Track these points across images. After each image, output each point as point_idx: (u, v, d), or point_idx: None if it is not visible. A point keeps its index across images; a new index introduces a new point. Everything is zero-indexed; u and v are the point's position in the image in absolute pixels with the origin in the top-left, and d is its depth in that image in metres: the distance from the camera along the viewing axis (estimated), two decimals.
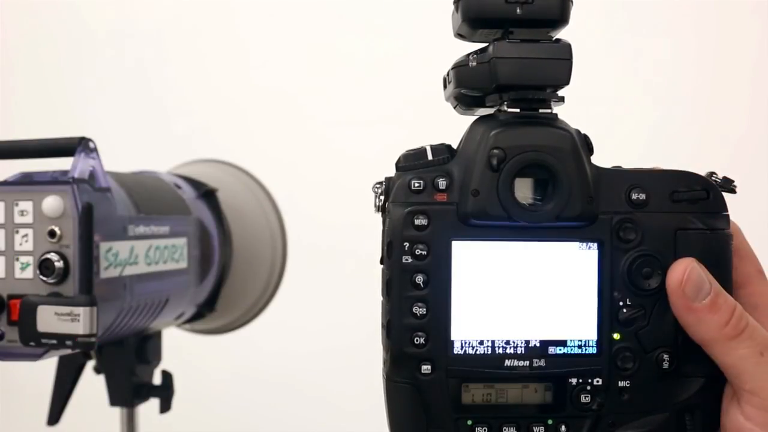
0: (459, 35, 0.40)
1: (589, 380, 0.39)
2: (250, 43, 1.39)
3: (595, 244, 0.39)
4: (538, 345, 0.39)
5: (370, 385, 0.53)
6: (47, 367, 0.69)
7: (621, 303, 0.39)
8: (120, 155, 0.76)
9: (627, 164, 0.43)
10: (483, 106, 0.41)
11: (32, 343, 0.54)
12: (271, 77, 1.37)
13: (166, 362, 0.77)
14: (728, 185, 0.40)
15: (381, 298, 0.39)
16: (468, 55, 0.39)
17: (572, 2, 0.39)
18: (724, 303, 0.38)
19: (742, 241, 0.42)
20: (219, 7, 1.39)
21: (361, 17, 1.34)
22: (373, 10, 1.33)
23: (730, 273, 0.40)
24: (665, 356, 0.39)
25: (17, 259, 0.56)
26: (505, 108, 0.39)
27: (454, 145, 0.40)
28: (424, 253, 0.38)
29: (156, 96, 1.40)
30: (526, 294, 0.39)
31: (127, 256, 0.62)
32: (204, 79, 1.40)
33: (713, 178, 0.40)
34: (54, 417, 0.71)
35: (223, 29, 1.40)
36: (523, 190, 0.39)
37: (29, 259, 0.56)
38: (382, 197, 0.40)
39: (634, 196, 0.39)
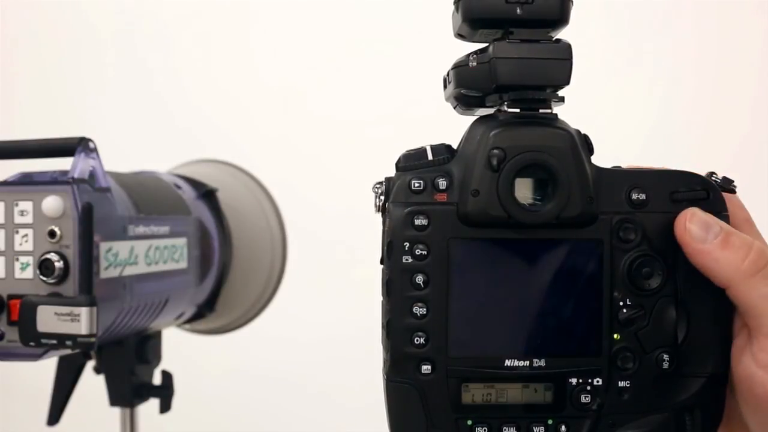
0: (459, 35, 0.40)
1: (589, 380, 0.39)
2: (250, 44, 1.39)
3: (595, 244, 0.39)
4: (538, 345, 0.39)
5: (370, 386, 0.53)
6: (47, 367, 0.69)
7: (621, 303, 0.39)
8: (120, 155, 0.76)
9: (627, 164, 0.43)
10: (483, 106, 0.41)
11: (32, 343, 0.54)
12: (272, 78, 1.37)
13: (166, 362, 0.77)
14: (728, 185, 0.40)
15: (381, 298, 0.39)
16: (468, 55, 0.39)
17: (572, 2, 0.39)
18: (738, 240, 0.37)
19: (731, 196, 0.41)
20: (218, 10, 1.39)
21: (361, 17, 1.34)
22: (372, 10, 1.33)
23: None
24: (665, 356, 0.39)
25: (17, 259, 0.56)
26: (505, 108, 0.39)
27: (454, 146, 0.40)
28: (424, 253, 0.38)
29: (156, 96, 1.40)
30: (527, 294, 0.39)
31: (127, 256, 0.62)
32: (204, 79, 1.40)
33: (713, 178, 0.40)
34: (54, 417, 0.71)
35: (223, 30, 1.40)
36: (523, 190, 0.39)
37: (29, 259, 0.56)
38: (382, 197, 0.40)
39: (634, 196, 0.39)
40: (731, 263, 0.37)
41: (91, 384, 0.72)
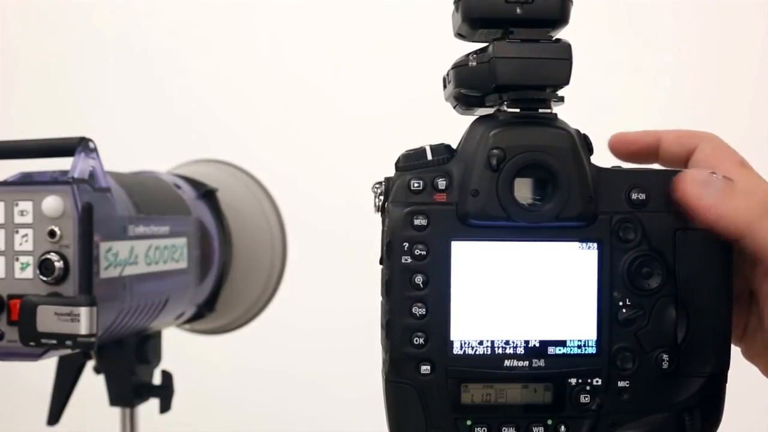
0: (459, 35, 0.40)
1: (589, 380, 0.39)
2: (250, 45, 1.39)
3: (595, 244, 0.39)
4: (537, 345, 0.39)
5: (369, 386, 0.53)
6: (47, 367, 0.69)
7: (620, 303, 0.39)
8: (120, 155, 0.76)
9: (627, 164, 0.43)
10: (483, 106, 0.41)
11: (32, 343, 0.54)
12: (271, 78, 1.37)
13: (166, 362, 0.77)
14: None
15: (380, 299, 0.39)
16: (468, 55, 0.39)
17: (572, 2, 0.39)
18: (741, 186, 0.37)
19: (716, 141, 0.41)
20: (218, 9, 1.39)
21: (360, 17, 1.34)
22: (372, 9, 1.33)
23: (731, 276, 0.39)
24: (665, 356, 0.39)
25: (17, 259, 0.56)
26: (505, 108, 0.39)
27: (454, 145, 0.40)
28: (424, 253, 0.38)
29: (156, 96, 1.40)
30: (526, 294, 0.39)
31: (127, 256, 0.62)
32: (205, 79, 1.40)
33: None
34: (54, 417, 0.71)
35: (223, 30, 1.40)
36: (523, 190, 0.39)
37: (29, 259, 0.56)
38: (381, 197, 0.40)
39: (633, 196, 0.39)
40: (741, 210, 0.37)
41: (91, 384, 0.72)
